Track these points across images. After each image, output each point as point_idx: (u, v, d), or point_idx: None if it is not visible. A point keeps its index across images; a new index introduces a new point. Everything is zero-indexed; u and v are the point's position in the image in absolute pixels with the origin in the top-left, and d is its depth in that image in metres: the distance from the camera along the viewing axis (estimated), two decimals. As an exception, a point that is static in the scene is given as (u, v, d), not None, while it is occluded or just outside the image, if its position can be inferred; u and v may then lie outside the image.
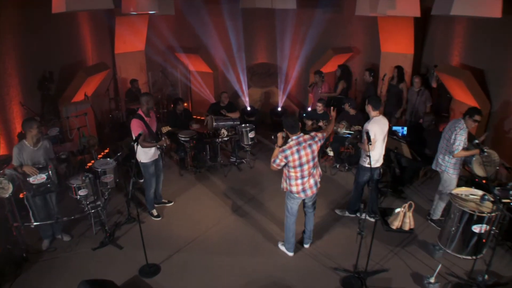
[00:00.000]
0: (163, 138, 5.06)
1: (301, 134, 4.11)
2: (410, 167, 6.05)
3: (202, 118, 8.59)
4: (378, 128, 4.64)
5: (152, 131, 5.08)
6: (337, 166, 6.91)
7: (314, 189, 4.30)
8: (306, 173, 4.14)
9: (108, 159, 5.06)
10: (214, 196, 6.11)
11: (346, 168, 6.90)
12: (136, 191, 6.18)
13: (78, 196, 4.62)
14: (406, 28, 7.57)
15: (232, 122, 6.85)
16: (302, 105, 9.47)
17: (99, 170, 4.82)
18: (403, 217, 4.71)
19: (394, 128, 6.52)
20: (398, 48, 7.90)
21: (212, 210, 5.71)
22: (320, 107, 6.87)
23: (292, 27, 8.79)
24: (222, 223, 5.36)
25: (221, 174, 6.77)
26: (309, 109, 8.68)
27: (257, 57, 9.46)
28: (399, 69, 7.37)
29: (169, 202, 5.88)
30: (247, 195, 6.11)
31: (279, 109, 9.01)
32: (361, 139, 5.02)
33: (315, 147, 4.12)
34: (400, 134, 6.40)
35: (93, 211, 4.85)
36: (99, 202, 4.90)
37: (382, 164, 4.96)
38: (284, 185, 4.33)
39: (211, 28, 9.05)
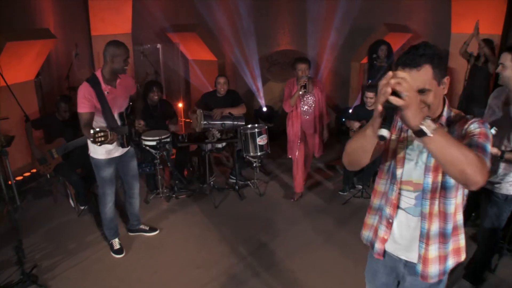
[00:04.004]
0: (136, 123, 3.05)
1: None
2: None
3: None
4: None
5: (110, 111, 2.82)
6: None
7: None
8: None
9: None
10: (192, 244, 3.56)
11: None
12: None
13: None
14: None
15: (231, 122, 4.37)
16: (337, 107, 6.96)
17: None
18: None
19: None
20: (477, 27, 5.57)
21: (185, 274, 3.16)
22: (370, 99, 4.27)
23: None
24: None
25: (211, 203, 4.24)
26: (351, 110, 6.17)
27: (278, 42, 7.04)
28: (489, 43, 4.87)
29: (153, 230, 3.65)
30: (250, 245, 3.53)
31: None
32: None
33: None
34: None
35: None
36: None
37: None
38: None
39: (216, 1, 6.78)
